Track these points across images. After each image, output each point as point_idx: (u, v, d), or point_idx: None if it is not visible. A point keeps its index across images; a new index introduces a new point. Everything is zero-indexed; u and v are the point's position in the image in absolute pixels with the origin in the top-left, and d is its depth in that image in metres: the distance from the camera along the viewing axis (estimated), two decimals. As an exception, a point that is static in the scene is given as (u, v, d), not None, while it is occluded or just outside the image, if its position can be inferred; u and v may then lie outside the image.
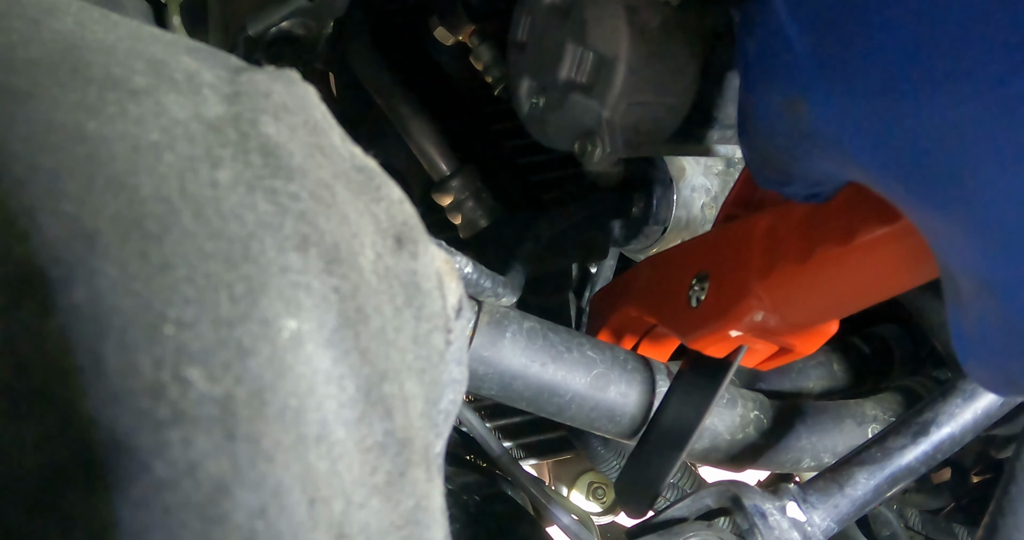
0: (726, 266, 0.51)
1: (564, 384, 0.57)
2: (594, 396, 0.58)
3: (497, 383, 0.56)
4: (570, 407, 0.58)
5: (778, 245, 0.47)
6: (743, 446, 0.62)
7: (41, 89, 0.23)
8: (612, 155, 0.60)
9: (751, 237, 0.49)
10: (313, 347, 0.24)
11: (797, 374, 0.75)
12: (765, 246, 0.48)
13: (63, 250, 0.21)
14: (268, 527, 0.22)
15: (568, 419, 0.59)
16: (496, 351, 0.56)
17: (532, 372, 0.57)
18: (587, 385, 0.58)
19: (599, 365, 0.59)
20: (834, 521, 0.49)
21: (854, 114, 0.32)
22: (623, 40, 0.58)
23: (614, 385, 0.59)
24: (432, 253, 0.31)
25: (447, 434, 0.33)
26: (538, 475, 0.95)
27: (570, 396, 0.58)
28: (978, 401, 0.53)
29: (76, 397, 0.20)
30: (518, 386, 0.57)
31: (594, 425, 0.60)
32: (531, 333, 0.57)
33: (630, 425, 0.60)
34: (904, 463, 0.51)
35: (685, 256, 0.57)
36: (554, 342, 0.58)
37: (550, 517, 0.66)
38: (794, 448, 0.63)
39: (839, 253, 0.42)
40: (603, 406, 0.59)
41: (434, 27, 0.74)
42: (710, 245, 0.54)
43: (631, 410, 0.59)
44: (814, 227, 0.44)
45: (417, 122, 0.77)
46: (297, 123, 0.27)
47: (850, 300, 0.47)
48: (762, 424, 0.62)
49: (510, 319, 0.57)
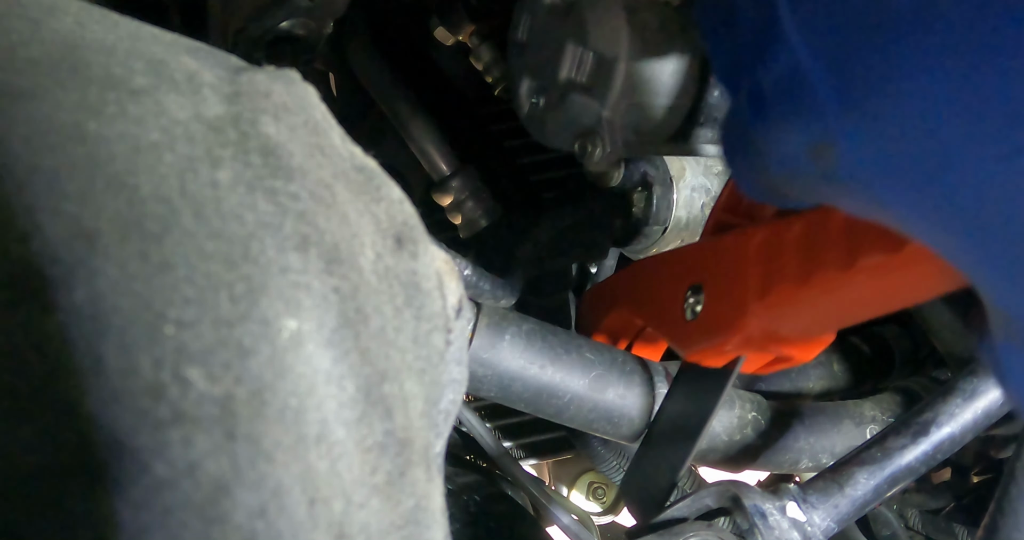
0: (721, 280, 0.51)
1: (563, 386, 0.57)
2: (593, 398, 0.58)
3: (496, 385, 0.56)
4: (569, 409, 0.58)
5: (775, 263, 0.46)
6: (741, 447, 0.62)
7: (41, 89, 0.23)
8: (612, 155, 0.60)
9: (746, 252, 0.48)
10: (313, 347, 0.24)
11: (797, 374, 0.75)
12: (761, 263, 0.47)
13: (63, 250, 0.21)
14: (268, 527, 0.22)
15: (567, 421, 0.60)
16: (495, 353, 0.56)
17: (531, 374, 0.57)
18: (586, 387, 0.58)
19: (598, 367, 0.59)
20: (834, 521, 0.49)
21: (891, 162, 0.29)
22: (623, 40, 0.58)
23: (612, 387, 0.59)
24: (432, 253, 0.31)
25: (447, 434, 0.33)
26: (538, 475, 0.95)
27: (569, 397, 0.58)
28: (978, 401, 0.53)
29: (76, 397, 0.20)
30: (517, 388, 0.57)
31: (593, 427, 0.60)
32: (530, 335, 0.57)
33: (628, 427, 0.60)
34: (904, 463, 0.51)
35: (678, 265, 0.57)
36: (553, 344, 0.58)
37: (550, 517, 0.66)
38: (792, 449, 0.63)
39: (840, 277, 0.41)
40: (602, 408, 0.59)
41: (434, 27, 0.74)
42: (704, 256, 0.54)
43: (630, 412, 0.59)
44: (813, 248, 0.43)
45: (417, 122, 0.77)
46: (297, 123, 0.27)
47: (850, 317, 0.46)
48: (760, 425, 0.62)
49: (509, 321, 0.57)
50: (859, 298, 0.43)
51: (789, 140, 0.33)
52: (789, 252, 0.45)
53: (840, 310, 0.45)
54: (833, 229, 0.42)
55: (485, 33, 0.73)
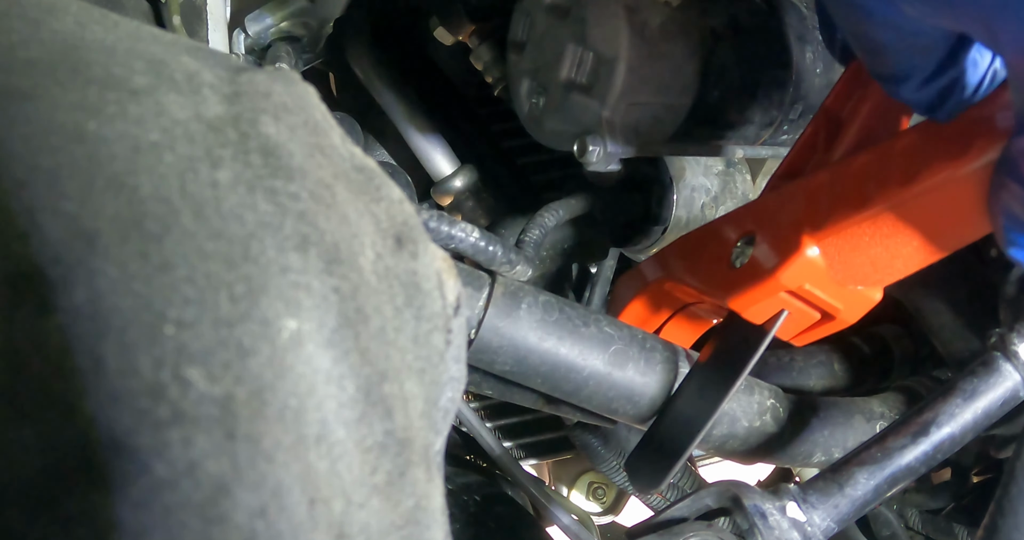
0: (776, 224, 0.50)
1: (581, 360, 0.54)
2: (612, 374, 0.55)
3: (512, 357, 0.54)
4: (587, 385, 0.55)
5: (834, 194, 0.46)
6: (760, 436, 0.60)
7: (41, 89, 0.23)
8: (612, 155, 0.60)
9: (805, 191, 0.48)
10: (313, 347, 0.24)
11: (798, 373, 0.75)
12: (820, 197, 0.47)
13: (63, 250, 0.21)
14: (268, 527, 0.22)
15: (585, 399, 0.56)
16: (511, 322, 0.53)
17: (548, 346, 0.53)
18: (605, 362, 0.55)
19: (617, 341, 0.56)
20: (834, 521, 0.49)
21: None
22: (623, 40, 0.58)
23: (633, 363, 0.55)
24: (432, 253, 0.31)
25: (446, 432, 0.33)
26: (538, 475, 0.95)
27: (587, 373, 0.54)
28: (978, 401, 0.53)
29: (76, 397, 0.20)
30: (533, 361, 0.54)
31: (612, 406, 0.56)
32: (547, 306, 0.54)
33: (650, 407, 0.56)
34: (904, 463, 0.51)
35: (730, 221, 0.55)
36: (571, 316, 0.55)
37: (550, 517, 0.66)
38: (807, 441, 0.62)
39: (899, 196, 0.42)
40: (621, 385, 0.55)
41: (434, 27, 0.75)
42: (757, 210, 0.53)
43: (651, 390, 0.56)
44: (874, 172, 0.44)
45: (417, 122, 0.77)
46: (297, 123, 0.27)
47: (905, 253, 0.46)
48: (778, 413, 0.61)
49: (525, 291, 0.54)
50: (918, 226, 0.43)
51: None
52: (849, 181, 0.46)
53: (897, 243, 0.45)
54: (896, 154, 0.43)
55: (485, 33, 0.73)
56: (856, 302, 0.50)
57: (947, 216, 0.42)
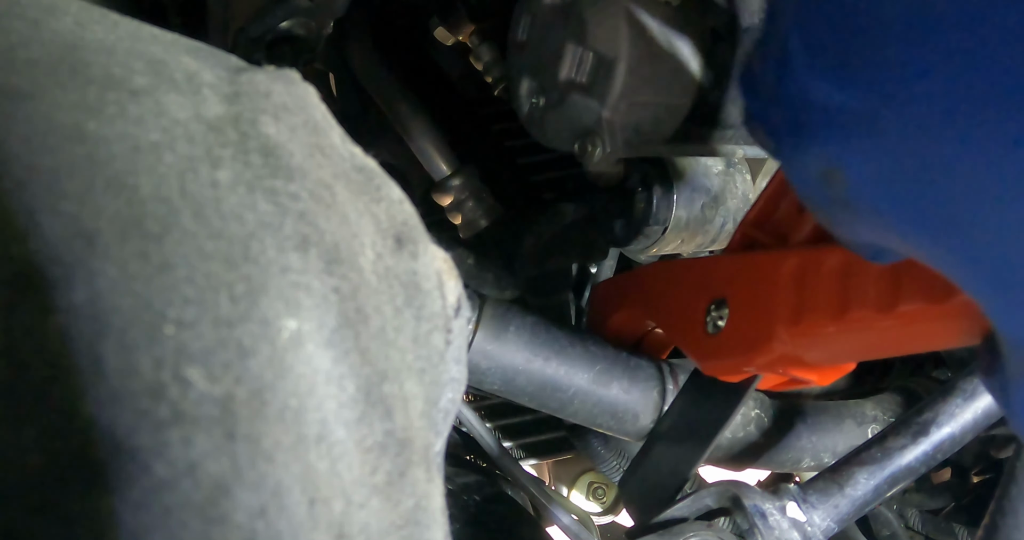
0: (748, 299, 0.50)
1: (567, 379, 0.57)
2: (597, 392, 0.58)
3: (500, 378, 0.56)
4: (573, 403, 0.58)
5: (809, 292, 0.45)
6: (744, 445, 0.62)
7: (41, 89, 0.23)
8: (612, 155, 0.60)
9: (778, 275, 0.47)
10: (313, 347, 0.24)
11: (797, 374, 0.75)
12: (794, 289, 0.46)
13: (63, 250, 0.21)
14: (268, 527, 0.22)
15: (571, 416, 0.59)
16: (499, 345, 0.56)
17: (535, 367, 0.56)
18: (590, 380, 0.58)
19: (602, 361, 0.58)
20: (834, 521, 0.49)
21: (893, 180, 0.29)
22: (623, 40, 0.58)
23: (617, 381, 0.58)
24: (432, 253, 0.31)
25: (447, 433, 0.33)
26: (538, 475, 0.95)
27: (573, 391, 0.57)
28: (978, 401, 0.53)
29: (76, 397, 0.20)
30: (521, 381, 0.56)
31: (597, 422, 0.59)
32: (534, 327, 0.57)
33: (633, 423, 0.59)
34: (904, 463, 0.51)
35: (701, 275, 0.56)
36: (557, 336, 0.58)
37: (550, 517, 0.66)
38: (795, 447, 0.63)
39: (877, 318, 0.40)
40: (606, 402, 0.58)
41: (434, 27, 0.74)
42: (730, 270, 0.53)
43: (635, 408, 0.59)
44: (851, 286, 0.42)
45: (417, 122, 0.77)
46: (297, 123, 0.27)
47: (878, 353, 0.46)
48: (763, 423, 0.62)
49: (513, 313, 0.57)
50: (892, 339, 0.42)
51: (805, 167, 0.33)
52: (825, 283, 0.44)
53: (869, 346, 0.44)
54: (875, 267, 0.40)
55: (485, 33, 0.73)
56: (829, 373, 0.50)
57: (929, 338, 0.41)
